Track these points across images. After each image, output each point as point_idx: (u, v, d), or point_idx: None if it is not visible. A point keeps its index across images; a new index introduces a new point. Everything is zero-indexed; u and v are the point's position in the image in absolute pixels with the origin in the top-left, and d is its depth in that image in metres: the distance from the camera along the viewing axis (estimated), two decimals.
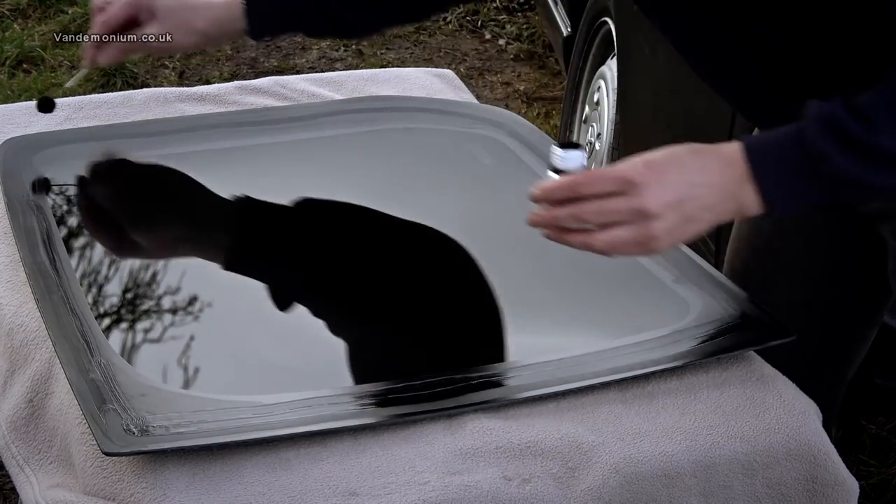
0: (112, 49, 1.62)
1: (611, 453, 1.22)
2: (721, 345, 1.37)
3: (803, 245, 1.57)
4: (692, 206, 1.22)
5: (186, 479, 1.15)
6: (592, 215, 1.22)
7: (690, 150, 1.24)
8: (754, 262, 1.61)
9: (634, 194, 1.20)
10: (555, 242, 1.26)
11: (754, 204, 1.23)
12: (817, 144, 1.20)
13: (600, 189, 1.22)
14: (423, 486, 1.17)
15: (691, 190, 1.22)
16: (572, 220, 1.23)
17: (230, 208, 1.64)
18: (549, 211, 1.24)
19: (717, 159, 1.23)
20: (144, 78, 3.92)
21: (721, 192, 1.23)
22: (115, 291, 1.43)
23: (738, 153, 1.22)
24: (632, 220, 1.21)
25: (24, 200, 1.55)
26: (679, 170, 1.22)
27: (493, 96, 3.91)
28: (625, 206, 1.20)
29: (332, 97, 1.90)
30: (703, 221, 1.23)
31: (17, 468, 1.27)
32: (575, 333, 1.43)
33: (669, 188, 1.21)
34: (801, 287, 1.58)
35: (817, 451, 1.29)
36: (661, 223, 1.21)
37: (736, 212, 1.24)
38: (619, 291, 1.51)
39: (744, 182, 1.22)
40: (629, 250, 1.23)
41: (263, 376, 1.32)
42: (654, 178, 1.21)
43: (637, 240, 1.21)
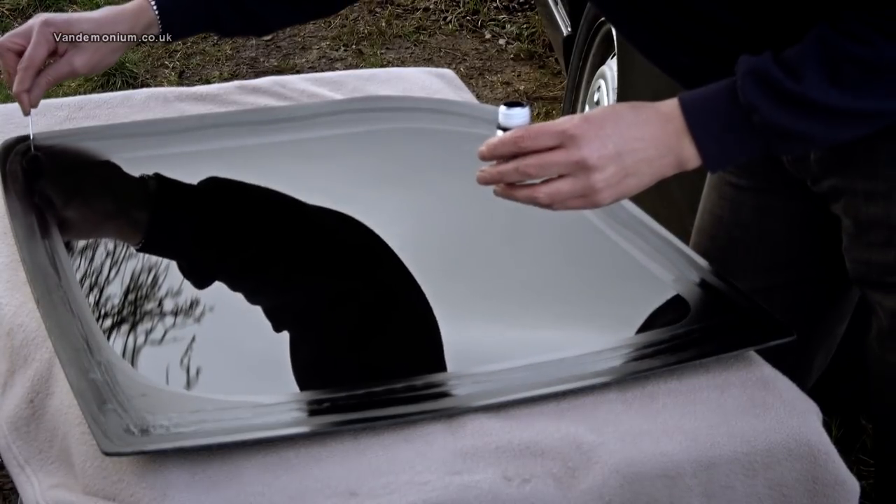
0: (39, 88, 1.60)
1: (611, 453, 1.22)
2: (721, 345, 1.37)
3: (762, 233, 1.60)
4: (631, 158, 1.27)
5: (186, 479, 1.15)
6: (534, 168, 1.27)
7: (630, 105, 1.30)
8: (715, 251, 1.63)
9: (573, 147, 1.26)
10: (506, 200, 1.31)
11: (693, 157, 1.29)
12: (747, 97, 1.25)
13: (541, 143, 1.27)
14: (423, 486, 1.17)
15: (630, 143, 1.27)
16: (516, 175, 1.28)
17: (230, 208, 1.65)
18: (494, 167, 1.29)
19: (656, 114, 1.29)
20: (144, 78, 3.92)
21: (659, 145, 1.28)
22: (115, 292, 1.43)
23: (675, 108, 1.28)
24: (572, 173, 1.26)
25: (24, 200, 1.55)
26: (617, 124, 1.27)
27: (493, 96, 3.91)
28: (564, 158, 1.26)
29: (332, 97, 1.90)
30: (643, 175, 1.29)
31: (17, 468, 1.27)
32: (575, 333, 1.43)
33: (608, 141, 1.26)
34: (762, 275, 1.60)
35: (818, 451, 1.29)
36: (601, 175, 1.26)
37: (676, 165, 1.29)
38: (619, 291, 1.51)
39: (681, 136, 1.28)
40: (573, 203, 1.29)
41: (263, 376, 1.32)
42: (592, 131, 1.26)
43: (578, 192, 1.27)
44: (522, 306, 1.47)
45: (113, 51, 1.63)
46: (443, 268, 1.54)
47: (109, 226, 1.61)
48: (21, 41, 1.59)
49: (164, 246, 1.56)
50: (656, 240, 1.56)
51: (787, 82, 1.25)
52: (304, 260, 1.54)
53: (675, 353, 1.35)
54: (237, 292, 1.46)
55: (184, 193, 1.68)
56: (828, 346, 1.70)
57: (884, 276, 1.45)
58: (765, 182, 1.57)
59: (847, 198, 1.44)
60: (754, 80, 1.26)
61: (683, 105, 1.28)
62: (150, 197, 1.65)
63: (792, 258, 1.60)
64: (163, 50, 4.12)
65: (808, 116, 1.26)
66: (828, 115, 1.26)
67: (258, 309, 1.43)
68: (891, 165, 1.40)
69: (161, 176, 1.70)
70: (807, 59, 1.25)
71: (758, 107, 1.25)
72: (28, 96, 1.60)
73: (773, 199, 1.57)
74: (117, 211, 1.63)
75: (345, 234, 1.60)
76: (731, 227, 1.61)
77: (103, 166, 1.69)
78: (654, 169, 1.29)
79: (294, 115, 1.83)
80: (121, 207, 1.63)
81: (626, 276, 1.52)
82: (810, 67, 1.24)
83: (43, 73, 1.60)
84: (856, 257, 1.47)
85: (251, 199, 1.66)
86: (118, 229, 1.59)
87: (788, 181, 1.52)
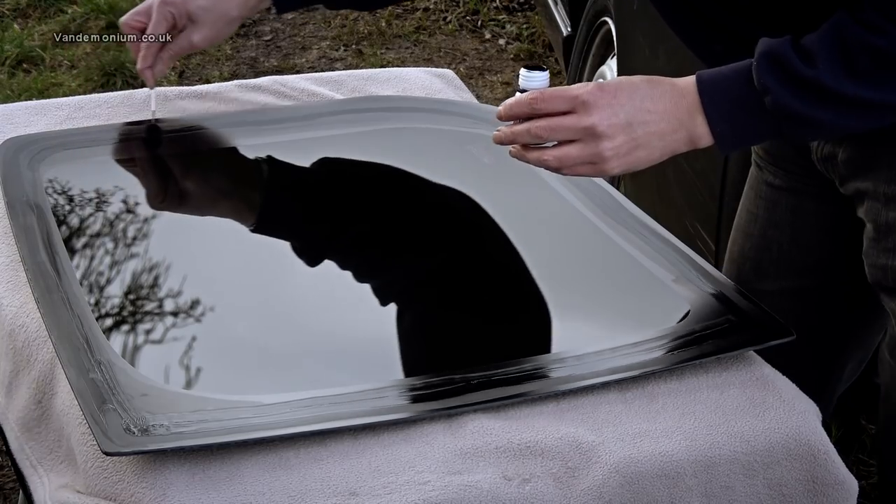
0: (162, 63, 1.70)
1: (611, 453, 1.22)
2: (721, 345, 1.37)
3: (795, 234, 1.59)
4: (642, 130, 1.28)
5: (186, 479, 1.15)
6: (545, 131, 1.29)
7: (647, 79, 1.30)
8: (749, 249, 1.63)
9: (584, 113, 1.27)
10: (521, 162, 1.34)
11: (705, 135, 1.29)
12: (761, 78, 1.26)
13: (554, 107, 1.28)
14: (423, 486, 1.17)
15: (641, 115, 1.28)
16: (528, 136, 1.30)
17: (229, 208, 1.65)
18: (510, 128, 1.32)
19: (672, 88, 1.29)
20: None
21: (672, 120, 1.28)
22: (115, 291, 1.43)
23: (691, 85, 1.29)
24: (581, 139, 1.28)
25: (24, 200, 1.55)
26: (631, 95, 1.28)
27: (493, 96, 3.91)
28: (574, 123, 1.27)
29: (332, 97, 1.90)
30: (654, 148, 1.29)
31: (31, 468, 1.27)
32: (575, 333, 1.42)
33: (620, 110, 1.27)
34: (794, 276, 1.60)
35: (817, 450, 1.29)
36: (610, 143, 1.27)
37: (688, 142, 1.30)
38: (619, 291, 1.51)
39: (694, 113, 1.28)
40: (581, 170, 1.30)
41: (263, 376, 1.32)
42: (605, 99, 1.27)
43: (586, 158, 1.28)
44: (522, 306, 1.47)
45: (228, 24, 1.70)
46: (442, 267, 1.54)
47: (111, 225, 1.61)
48: (142, 19, 1.68)
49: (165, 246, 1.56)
50: (656, 240, 1.56)
51: (802, 67, 1.24)
52: (304, 260, 1.54)
53: (675, 353, 1.35)
54: (237, 292, 1.46)
55: (184, 193, 1.69)
56: (860, 355, 1.68)
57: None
58: (799, 183, 1.56)
59: (870, 201, 1.43)
60: (769, 63, 1.26)
61: (700, 82, 1.29)
62: (151, 197, 1.65)
63: (823, 261, 1.58)
64: None
65: (819, 103, 1.26)
66: (839, 102, 1.26)
67: (259, 309, 1.43)
68: None
69: (161, 176, 1.70)
70: (823, 45, 1.25)
71: (771, 89, 1.25)
72: (152, 72, 1.70)
73: (807, 200, 1.56)
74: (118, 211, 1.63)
75: (344, 234, 1.60)
76: (766, 226, 1.61)
77: (104, 166, 1.69)
78: (666, 143, 1.29)
79: (294, 116, 1.82)
80: (122, 207, 1.63)
81: (626, 276, 1.52)
82: (825, 54, 1.24)
83: (164, 49, 1.69)
84: (874, 262, 1.46)
85: (250, 199, 1.66)
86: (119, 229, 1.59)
87: (822, 183, 1.51)
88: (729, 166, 2.11)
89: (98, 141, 1.72)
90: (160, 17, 1.66)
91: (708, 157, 2.16)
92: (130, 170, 1.70)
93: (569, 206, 1.64)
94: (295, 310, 1.44)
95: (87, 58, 4.01)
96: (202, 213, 1.65)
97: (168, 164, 1.73)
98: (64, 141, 1.71)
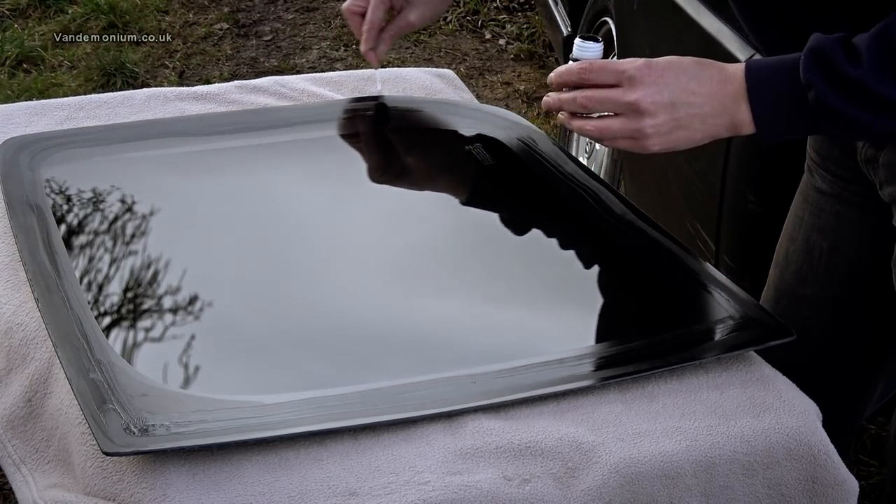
0: (384, 44, 1.75)
1: (611, 453, 1.22)
2: (721, 345, 1.37)
3: (837, 241, 1.58)
4: (685, 111, 1.28)
5: (186, 479, 1.15)
6: (590, 101, 1.31)
7: (697, 61, 1.31)
8: (793, 253, 1.62)
9: (629, 89, 1.28)
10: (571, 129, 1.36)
11: (748, 123, 1.29)
12: (806, 73, 1.25)
13: (602, 79, 1.30)
14: (423, 486, 1.17)
15: (686, 96, 1.28)
16: (574, 105, 1.32)
17: (229, 208, 1.64)
18: (558, 94, 1.34)
19: (719, 73, 1.30)
20: (145, 78, 3.92)
21: (716, 104, 1.29)
22: (115, 291, 1.43)
23: (739, 71, 1.29)
24: (624, 113, 1.29)
25: (24, 200, 1.55)
26: (679, 74, 1.29)
27: (493, 96, 3.91)
28: (618, 97, 1.29)
29: (332, 97, 1.90)
30: (695, 130, 1.30)
31: (13, 467, 1.27)
32: (575, 333, 1.42)
33: (665, 89, 1.28)
34: (832, 284, 1.59)
35: (817, 451, 1.29)
36: (652, 121, 1.28)
37: (730, 128, 1.30)
38: (619, 291, 1.51)
39: (739, 99, 1.28)
40: (621, 143, 1.32)
41: (263, 376, 1.32)
42: (651, 77, 1.28)
43: (627, 133, 1.30)
44: (522, 306, 1.47)
45: (442, 1, 1.75)
46: (442, 267, 1.54)
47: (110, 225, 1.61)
48: (363, 3, 1.74)
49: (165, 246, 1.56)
50: (656, 240, 1.56)
51: (847, 66, 1.24)
52: (304, 260, 1.54)
53: (675, 353, 1.35)
54: (237, 292, 1.46)
55: (184, 193, 1.68)
56: (893, 370, 1.67)
57: None
58: (845, 190, 1.55)
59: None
60: (816, 59, 1.25)
61: (748, 70, 1.29)
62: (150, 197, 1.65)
63: (861, 271, 1.57)
64: (163, 50, 4.12)
65: (861, 103, 1.25)
66: (882, 105, 1.25)
67: (258, 308, 1.43)
68: None
69: (161, 176, 1.70)
70: (870, 46, 1.24)
71: (814, 85, 1.25)
72: (374, 53, 1.75)
73: (850, 209, 1.55)
74: (118, 211, 1.63)
75: (344, 234, 1.60)
76: (810, 231, 1.60)
77: (104, 166, 1.69)
78: (708, 126, 1.30)
79: (294, 116, 1.82)
80: (121, 207, 1.63)
81: (626, 276, 1.52)
82: (872, 56, 1.23)
83: (385, 30, 1.74)
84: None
85: (250, 199, 1.66)
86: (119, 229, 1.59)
87: (865, 192, 1.50)
88: (729, 166, 2.11)
89: (98, 141, 1.72)
90: (378, 1, 1.72)
91: (708, 157, 2.16)
92: (130, 170, 1.69)
93: (569, 206, 1.64)
94: (295, 310, 1.44)
95: (87, 58, 4.02)
96: (202, 212, 1.65)
97: (168, 164, 1.73)
98: (64, 141, 1.71)
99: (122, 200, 1.63)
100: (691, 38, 2.20)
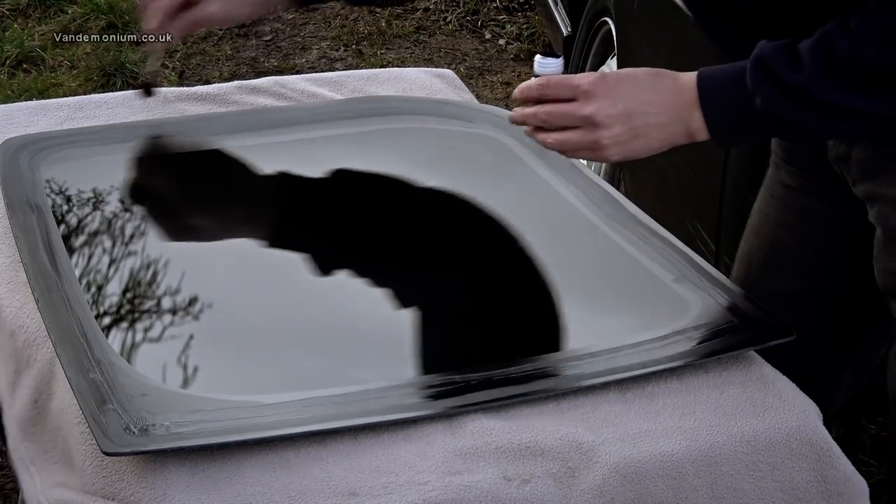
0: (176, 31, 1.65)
1: (611, 453, 1.22)
2: (721, 345, 1.37)
3: (805, 236, 1.59)
4: (641, 121, 1.32)
5: (186, 479, 1.15)
6: (549, 116, 1.35)
7: (651, 71, 1.35)
8: (758, 249, 1.63)
9: (585, 102, 1.32)
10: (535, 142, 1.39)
11: (702, 130, 1.33)
12: (752, 81, 1.29)
13: (559, 94, 1.34)
14: (423, 486, 1.17)
15: (641, 106, 1.32)
16: (536, 120, 1.36)
17: (229, 208, 1.64)
18: (522, 109, 1.38)
19: (673, 83, 1.34)
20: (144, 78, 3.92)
21: (671, 113, 1.33)
22: (115, 291, 1.43)
23: (692, 81, 1.33)
24: (582, 126, 1.33)
25: (24, 200, 1.55)
26: (632, 86, 1.33)
27: (493, 96, 3.91)
28: (576, 111, 1.33)
29: (332, 97, 1.90)
30: (653, 139, 1.34)
31: (24, 468, 1.27)
32: (575, 333, 1.42)
33: (618, 100, 1.32)
34: (800, 278, 1.60)
35: (821, 449, 1.28)
36: (608, 132, 1.32)
37: (686, 135, 1.34)
38: (619, 291, 1.51)
39: (693, 108, 1.32)
40: (581, 154, 1.37)
41: (263, 376, 1.32)
42: (605, 90, 1.32)
43: (585, 144, 1.34)
44: (522, 306, 1.47)
45: (243, 4, 1.67)
46: (442, 267, 1.54)
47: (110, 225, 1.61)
48: None
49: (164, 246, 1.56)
50: (656, 240, 1.56)
51: (790, 73, 1.27)
52: (304, 260, 1.54)
53: (675, 354, 1.35)
54: (237, 292, 1.46)
55: (184, 193, 1.69)
56: (863, 363, 1.68)
57: None
58: (812, 184, 1.56)
59: (880, 204, 1.44)
60: (760, 67, 1.29)
61: (700, 79, 1.32)
62: (151, 197, 1.65)
63: (831, 264, 1.59)
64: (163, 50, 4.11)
65: (806, 108, 1.28)
66: (826, 109, 1.28)
67: (258, 309, 1.43)
68: None
69: (161, 176, 1.70)
70: (811, 52, 1.27)
71: (760, 92, 1.28)
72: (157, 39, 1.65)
73: (819, 203, 1.56)
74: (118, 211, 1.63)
75: (344, 234, 1.60)
76: (777, 226, 1.62)
77: (104, 166, 1.69)
78: (665, 135, 1.33)
79: (294, 116, 1.83)
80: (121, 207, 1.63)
81: (626, 276, 1.52)
82: (812, 61, 1.27)
83: (178, 17, 1.64)
84: (884, 266, 1.46)
85: (250, 199, 1.66)
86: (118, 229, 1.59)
87: (834, 186, 1.51)
88: (729, 166, 2.11)
89: (98, 141, 1.72)
90: None
91: (708, 157, 2.16)
92: (130, 170, 1.69)
93: (569, 206, 1.64)
94: (295, 309, 1.44)
95: (87, 58, 4.02)
96: (202, 212, 1.65)
97: (168, 164, 1.73)
98: (64, 141, 1.71)
99: (121, 200, 1.63)
100: (691, 38, 2.20)
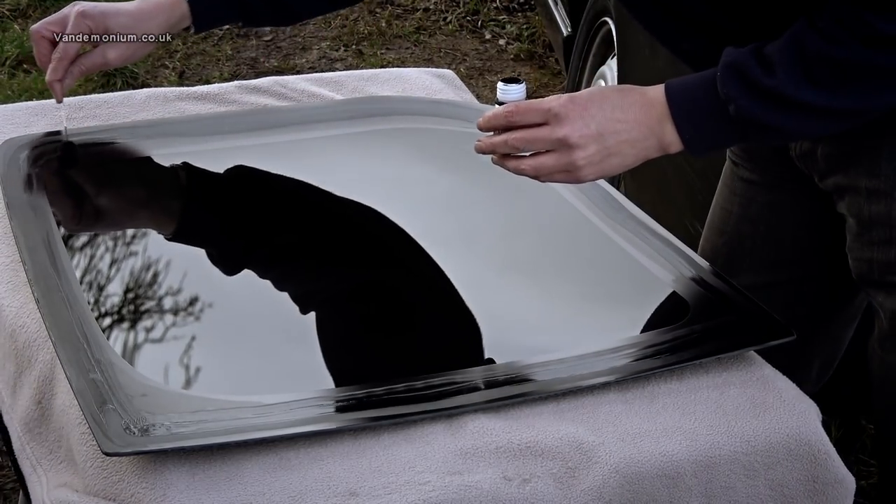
0: (72, 77, 1.62)
1: (611, 453, 1.22)
2: (721, 345, 1.37)
3: (770, 229, 1.61)
4: (613, 139, 1.32)
5: (186, 479, 1.15)
6: (520, 142, 1.34)
7: (618, 89, 1.34)
8: (722, 246, 1.65)
9: (557, 125, 1.32)
10: (502, 168, 1.38)
11: (675, 142, 1.33)
12: (725, 88, 1.29)
13: (528, 119, 1.34)
14: (423, 486, 1.17)
15: (612, 125, 1.32)
16: (506, 147, 1.35)
17: (229, 208, 1.65)
18: (489, 138, 1.37)
19: (641, 98, 1.33)
20: (144, 78, 3.92)
21: (642, 128, 1.32)
22: (115, 291, 1.43)
23: (660, 94, 1.33)
24: (556, 149, 1.33)
25: (24, 200, 1.55)
26: (602, 105, 1.32)
27: (493, 97, 3.90)
28: (547, 135, 1.32)
29: (332, 97, 1.90)
30: (626, 156, 1.34)
31: (31, 468, 1.27)
32: (575, 333, 1.43)
33: (591, 121, 1.32)
34: (766, 271, 1.61)
35: (817, 450, 1.29)
36: (582, 153, 1.32)
37: (659, 149, 1.34)
38: (619, 291, 1.51)
39: (664, 121, 1.32)
40: (557, 177, 1.35)
41: (263, 376, 1.32)
42: (576, 111, 1.32)
43: (560, 167, 1.33)
44: (522, 306, 1.47)
45: (146, 45, 1.65)
46: (441, 268, 1.54)
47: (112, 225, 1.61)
48: (56, 29, 1.61)
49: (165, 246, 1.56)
50: (656, 240, 1.56)
51: (763, 77, 1.27)
52: (304, 260, 1.54)
53: (675, 353, 1.35)
54: (237, 292, 1.46)
55: (184, 193, 1.69)
56: (831, 350, 1.69)
57: (885, 274, 1.45)
58: (776, 178, 1.57)
59: (851, 195, 1.45)
60: (732, 73, 1.29)
61: (668, 91, 1.32)
62: (151, 197, 1.65)
63: (797, 256, 1.61)
64: (163, 50, 4.12)
65: (781, 111, 1.29)
66: (801, 110, 1.29)
67: (259, 309, 1.43)
68: (894, 163, 1.40)
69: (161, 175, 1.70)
70: (783, 55, 1.28)
71: (734, 98, 1.29)
72: (60, 86, 1.62)
73: (783, 195, 1.58)
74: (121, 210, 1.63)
75: (344, 234, 1.60)
76: (740, 222, 1.63)
77: (104, 166, 1.69)
78: (638, 150, 1.33)
79: (294, 116, 1.83)
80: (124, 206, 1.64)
81: (626, 276, 1.52)
82: (785, 64, 1.27)
83: (76, 63, 1.62)
84: (858, 255, 1.48)
85: (250, 199, 1.66)
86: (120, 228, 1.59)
87: (799, 178, 1.53)
88: None
89: (98, 141, 1.72)
90: (76, 30, 1.59)
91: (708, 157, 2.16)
92: (130, 170, 1.70)
93: (569, 207, 1.64)
94: (295, 309, 1.44)
95: None
96: (202, 212, 1.65)
97: (168, 163, 1.73)
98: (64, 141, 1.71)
99: (121, 200, 1.63)
100: None
